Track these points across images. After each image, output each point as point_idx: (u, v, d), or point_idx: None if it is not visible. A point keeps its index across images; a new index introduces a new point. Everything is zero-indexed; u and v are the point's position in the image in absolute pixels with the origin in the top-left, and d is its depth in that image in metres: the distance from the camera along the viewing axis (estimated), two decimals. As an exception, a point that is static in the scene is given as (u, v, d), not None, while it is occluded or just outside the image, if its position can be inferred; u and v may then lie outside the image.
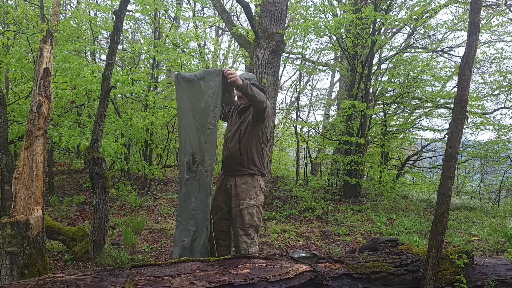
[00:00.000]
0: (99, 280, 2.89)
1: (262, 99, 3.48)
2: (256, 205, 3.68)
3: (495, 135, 9.98)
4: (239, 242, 3.65)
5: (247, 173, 3.66)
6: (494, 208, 9.33)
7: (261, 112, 3.54)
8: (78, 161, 11.45)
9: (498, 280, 3.88)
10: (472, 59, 3.50)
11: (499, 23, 9.76)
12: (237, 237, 3.66)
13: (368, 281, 3.58)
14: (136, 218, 6.24)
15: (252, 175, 3.67)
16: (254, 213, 3.66)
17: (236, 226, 3.66)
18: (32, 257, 3.30)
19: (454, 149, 3.53)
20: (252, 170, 3.67)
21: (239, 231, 3.64)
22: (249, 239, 3.65)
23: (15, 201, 3.44)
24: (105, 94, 4.65)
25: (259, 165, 3.71)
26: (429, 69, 9.74)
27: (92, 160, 4.39)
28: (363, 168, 9.70)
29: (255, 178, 3.69)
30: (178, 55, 8.01)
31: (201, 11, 14.93)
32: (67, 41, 8.05)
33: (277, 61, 7.88)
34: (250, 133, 3.65)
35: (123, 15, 4.79)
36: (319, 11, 9.47)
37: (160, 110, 8.19)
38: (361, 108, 8.44)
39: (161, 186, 9.24)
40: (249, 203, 3.63)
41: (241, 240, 3.63)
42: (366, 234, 6.41)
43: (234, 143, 3.68)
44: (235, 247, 3.73)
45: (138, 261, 4.49)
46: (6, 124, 5.79)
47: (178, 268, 3.17)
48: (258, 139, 3.69)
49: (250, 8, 7.40)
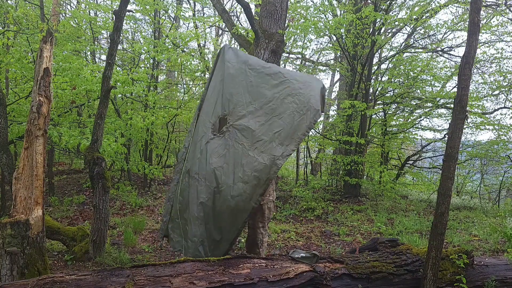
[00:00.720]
0: (99, 280, 2.89)
1: None
2: (273, 200, 4.17)
3: (495, 135, 9.97)
4: (256, 234, 4.05)
5: None
6: (494, 208, 9.33)
7: None
8: (78, 161, 11.44)
9: (498, 280, 3.88)
10: (472, 59, 3.50)
11: (499, 23, 9.75)
12: (256, 230, 4.04)
13: (368, 281, 3.58)
14: (136, 218, 6.24)
15: None
16: (272, 207, 4.14)
17: (256, 220, 4.03)
18: (32, 257, 3.29)
19: (454, 149, 3.53)
20: None
21: (258, 224, 4.05)
22: (264, 231, 4.10)
23: (15, 201, 3.44)
24: (105, 94, 4.66)
25: None
26: (429, 69, 9.73)
27: (92, 160, 4.39)
28: (363, 168, 9.69)
29: None
30: (178, 55, 8.02)
31: (201, 11, 14.91)
32: (67, 41, 8.05)
33: (277, 61, 7.87)
34: None
35: (123, 15, 4.79)
36: (319, 11, 9.46)
37: (160, 110, 8.19)
38: (361, 108, 8.44)
39: (161, 186, 9.24)
40: (268, 198, 4.06)
41: (258, 232, 4.05)
42: (366, 234, 6.41)
43: None
44: (251, 239, 4.10)
45: (138, 261, 4.49)
46: (6, 124, 5.79)
47: (178, 268, 3.17)
48: None
49: (250, 8, 7.40)
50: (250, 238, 4.15)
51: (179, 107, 8.55)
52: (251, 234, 4.12)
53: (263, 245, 4.17)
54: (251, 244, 4.16)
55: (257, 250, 4.19)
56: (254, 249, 4.21)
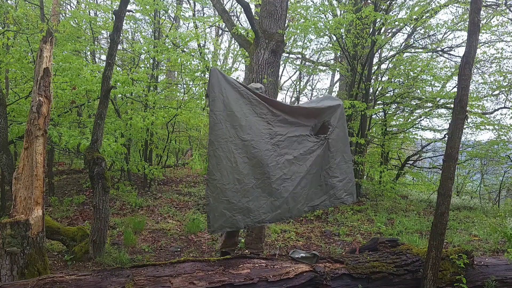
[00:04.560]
0: (99, 280, 2.89)
1: None
2: None
3: (495, 135, 9.96)
4: (261, 228, 4.29)
5: None
6: (494, 208, 9.33)
7: None
8: (78, 161, 11.44)
9: (498, 280, 3.88)
10: (472, 59, 3.50)
11: (499, 23, 9.76)
12: (263, 226, 4.25)
13: (368, 281, 3.58)
14: (136, 218, 6.24)
15: None
16: None
17: None
18: (32, 257, 3.29)
19: (454, 149, 3.53)
20: None
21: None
22: (266, 226, 4.50)
23: (15, 201, 3.43)
24: (105, 94, 4.66)
25: None
26: (429, 69, 9.72)
27: (92, 160, 4.39)
28: (363, 168, 9.69)
29: None
30: (178, 55, 8.01)
31: (201, 11, 14.93)
32: (67, 41, 8.04)
33: (277, 61, 7.88)
34: None
35: (123, 15, 4.79)
36: (319, 11, 9.46)
37: (160, 110, 8.18)
38: (361, 108, 8.44)
39: (161, 186, 9.24)
40: None
41: (263, 227, 4.28)
42: (366, 234, 6.41)
43: None
44: (255, 234, 4.29)
45: (138, 261, 4.49)
46: (6, 124, 5.78)
47: (178, 268, 3.17)
48: None
49: (250, 8, 7.40)
50: (254, 233, 4.31)
51: (179, 107, 8.54)
52: (255, 230, 4.28)
53: (264, 239, 4.47)
54: (255, 239, 4.33)
55: (260, 245, 4.34)
56: (257, 244, 4.33)
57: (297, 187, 3.84)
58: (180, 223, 6.44)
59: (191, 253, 5.07)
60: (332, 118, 4.30)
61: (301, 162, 3.92)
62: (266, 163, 3.62)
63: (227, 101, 3.52)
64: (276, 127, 3.83)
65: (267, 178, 3.64)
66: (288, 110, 4.00)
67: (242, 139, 3.52)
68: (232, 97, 3.58)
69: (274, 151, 3.73)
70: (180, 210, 7.33)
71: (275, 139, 3.79)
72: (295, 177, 3.85)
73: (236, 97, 3.61)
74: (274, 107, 3.89)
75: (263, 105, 3.79)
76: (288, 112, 3.98)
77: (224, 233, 4.23)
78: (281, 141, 3.83)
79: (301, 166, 3.91)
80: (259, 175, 3.61)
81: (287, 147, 3.85)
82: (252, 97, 3.72)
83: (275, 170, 3.69)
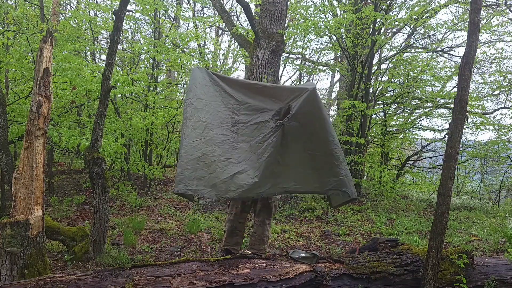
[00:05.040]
0: (99, 280, 2.89)
1: None
2: (278, 198, 4.56)
3: (495, 135, 9.96)
4: (264, 230, 4.30)
5: None
6: (494, 208, 9.33)
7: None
8: (78, 161, 11.43)
9: (498, 280, 3.88)
10: (472, 59, 3.50)
11: (499, 23, 9.76)
12: (263, 226, 4.31)
13: (368, 281, 3.58)
14: (136, 218, 6.24)
15: None
16: (277, 205, 4.50)
17: (262, 217, 4.32)
18: (32, 257, 3.29)
19: (454, 149, 3.53)
20: None
21: (265, 221, 4.33)
22: (269, 227, 4.38)
23: (15, 201, 3.43)
24: (105, 94, 4.66)
25: None
26: (429, 69, 9.72)
27: (92, 160, 4.39)
28: (363, 168, 9.69)
29: None
30: (178, 55, 8.01)
31: (201, 11, 14.92)
32: (67, 41, 8.04)
33: (277, 61, 7.88)
34: None
35: (123, 15, 4.79)
36: (319, 11, 9.46)
37: (160, 110, 8.18)
38: (361, 108, 8.44)
39: (161, 186, 9.24)
40: (275, 197, 4.35)
41: (266, 228, 4.31)
42: (366, 234, 6.41)
43: None
44: (258, 235, 4.31)
45: (138, 261, 4.49)
46: (6, 124, 5.78)
47: (178, 268, 3.17)
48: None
49: (250, 8, 7.41)
50: (257, 234, 4.31)
51: (179, 107, 8.54)
52: (258, 231, 4.30)
53: (268, 241, 4.42)
54: (257, 240, 4.31)
55: (262, 247, 4.31)
56: (260, 245, 4.30)
57: (242, 172, 3.88)
58: (180, 223, 6.44)
59: (191, 253, 5.07)
60: (294, 103, 4.05)
61: (254, 150, 3.99)
62: (214, 143, 3.93)
63: (198, 91, 4.11)
64: (240, 115, 4.14)
65: (213, 156, 3.87)
66: (259, 91, 4.26)
67: (201, 120, 3.99)
68: (203, 89, 4.16)
69: (232, 137, 4.04)
70: (180, 210, 7.33)
71: (236, 127, 4.09)
72: (244, 163, 3.91)
73: (207, 90, 4.18)
74: (243, 93, 4.25)
75: (232, 97, 4.23)
76: (257, 94, 4.24)
77: (226, 231, 4.35)
78: (242, 128, 4.09)
79: (253, 154, 3.98)
80: (206, 152, 3.88)
81: (246, 134, 4.05)
82: (224, 90, 4.23)
83: (225, 153, 3.90)
